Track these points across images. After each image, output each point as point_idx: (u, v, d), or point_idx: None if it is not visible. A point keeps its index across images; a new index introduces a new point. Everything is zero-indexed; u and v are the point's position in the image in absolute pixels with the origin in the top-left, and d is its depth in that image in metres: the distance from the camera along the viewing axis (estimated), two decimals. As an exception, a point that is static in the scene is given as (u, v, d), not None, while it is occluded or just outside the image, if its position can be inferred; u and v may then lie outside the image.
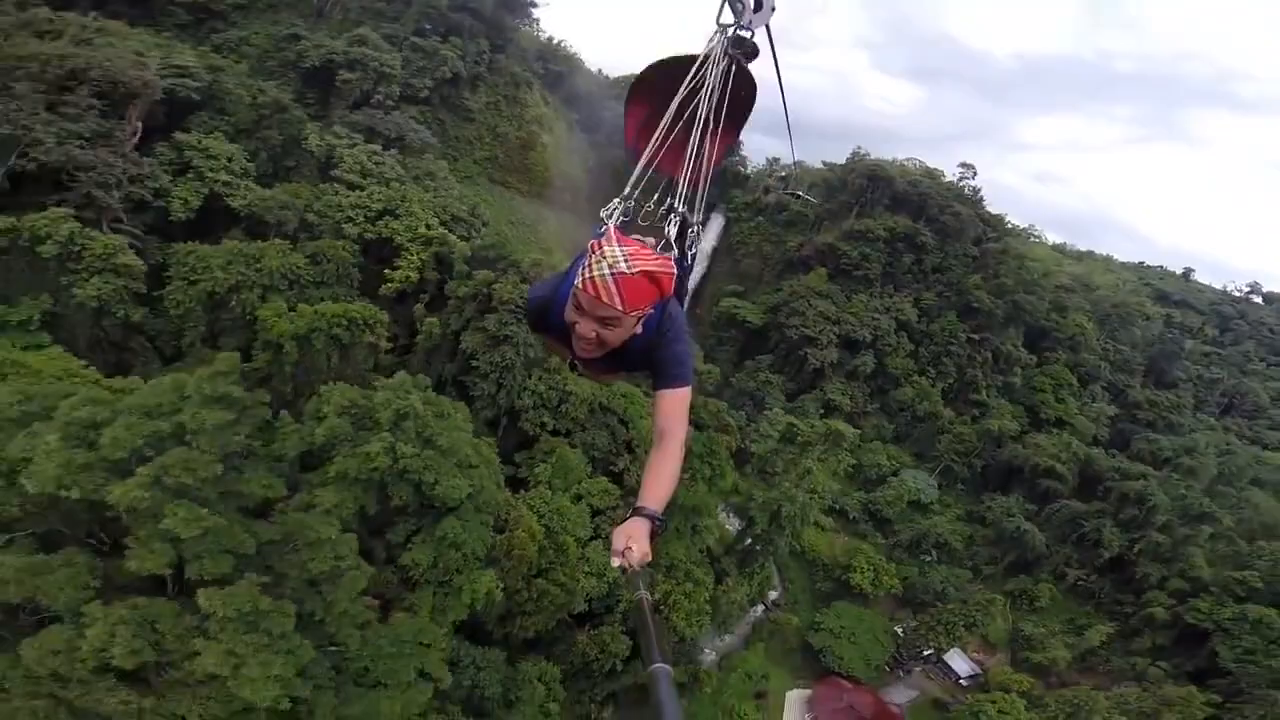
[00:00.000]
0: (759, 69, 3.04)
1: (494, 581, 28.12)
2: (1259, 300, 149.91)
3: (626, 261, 2.13)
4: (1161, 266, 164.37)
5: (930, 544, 62.91)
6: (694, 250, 3.06)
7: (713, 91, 2.84)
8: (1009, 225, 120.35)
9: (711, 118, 2.88)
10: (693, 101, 2.85)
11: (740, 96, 3.01)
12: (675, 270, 2.32)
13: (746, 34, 2.84)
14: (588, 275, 2.18)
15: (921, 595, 57.64)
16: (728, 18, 2.82)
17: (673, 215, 2.87)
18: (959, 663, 53.81)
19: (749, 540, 48.43)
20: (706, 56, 2.87)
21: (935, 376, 77.19)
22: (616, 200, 2.73)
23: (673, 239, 2.81)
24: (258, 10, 52.56)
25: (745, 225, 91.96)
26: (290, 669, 22.24)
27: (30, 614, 22.32)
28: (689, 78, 2.86)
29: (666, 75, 3.01)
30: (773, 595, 56.79)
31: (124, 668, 20.92)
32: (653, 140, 2.88)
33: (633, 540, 2.01)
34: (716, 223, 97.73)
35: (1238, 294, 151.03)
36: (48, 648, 20.84)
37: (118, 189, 30.40)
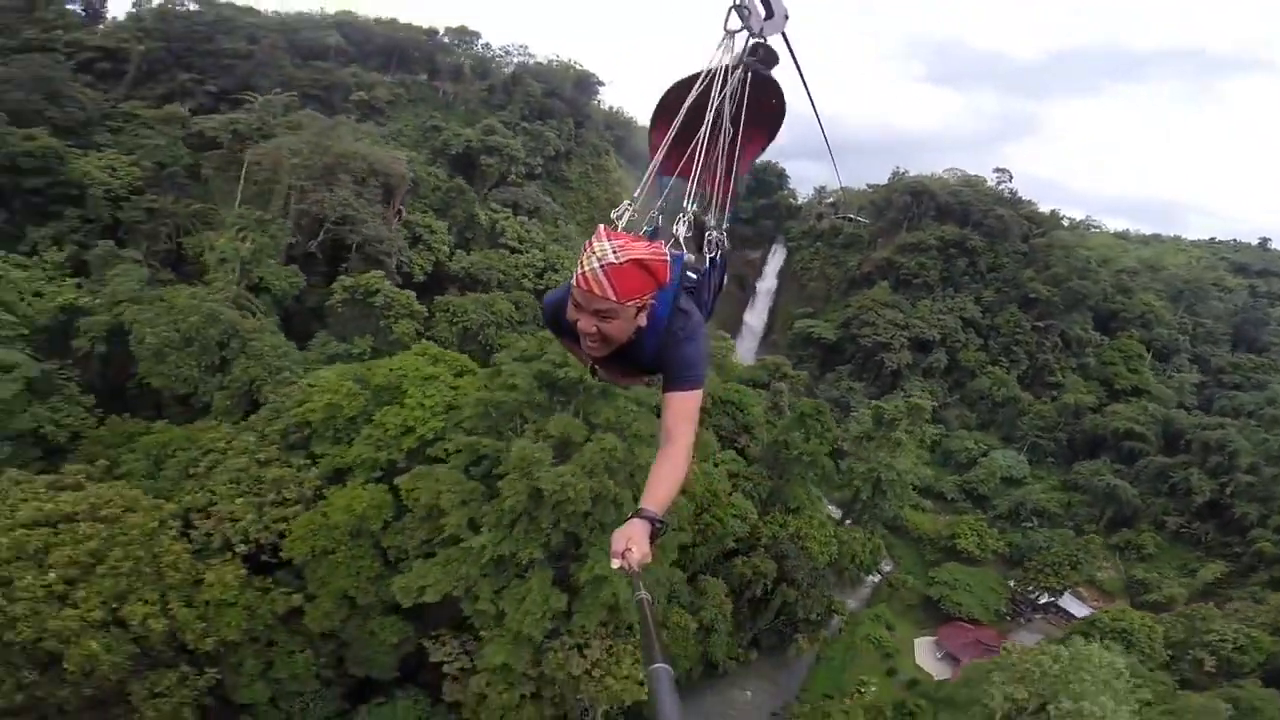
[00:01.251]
0: (787, 80, 3.06)
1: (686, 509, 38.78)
2: None
3: (615, 253, 2.20)
4: (1234, 240, 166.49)
5: (1029, 511, 69.60)
6: (715, 255, 3.05)
7: (726, 97, 2.90)
8: (1063, 219, 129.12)
9: (728, 124, 2.95)
10: (705, 111, 2.90)
11: (770, 104, 3.11)
12: (669, 258, 2.35)
13: (760, 40, 2.87)
14: (580, 272, 2.26)
15: (1028, 554, 64.26)
16: (735, 24, 2.83)
17: (683, 215, 2.91)
18: (1076, 606, 59.88)
19: (857, 509, 57.59)
20: (715, 66, 2.92)
21: (1009, 365, 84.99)
22: (626, 203, 2.75)
23: (681, 239, 2.85)
24: (402, 104, 69.52)
25: (805, 252, 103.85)
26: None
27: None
28: (698, 84, 2.94)
29: (681, 92, 3.08)
30: (886, 566, 64.86)
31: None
32: (663, 144, 2.94)
33: (633, 542, 2.07)
34: (778, 254, 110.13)
35: None
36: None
37: (389, 257, 45.08)
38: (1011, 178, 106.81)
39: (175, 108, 48.42)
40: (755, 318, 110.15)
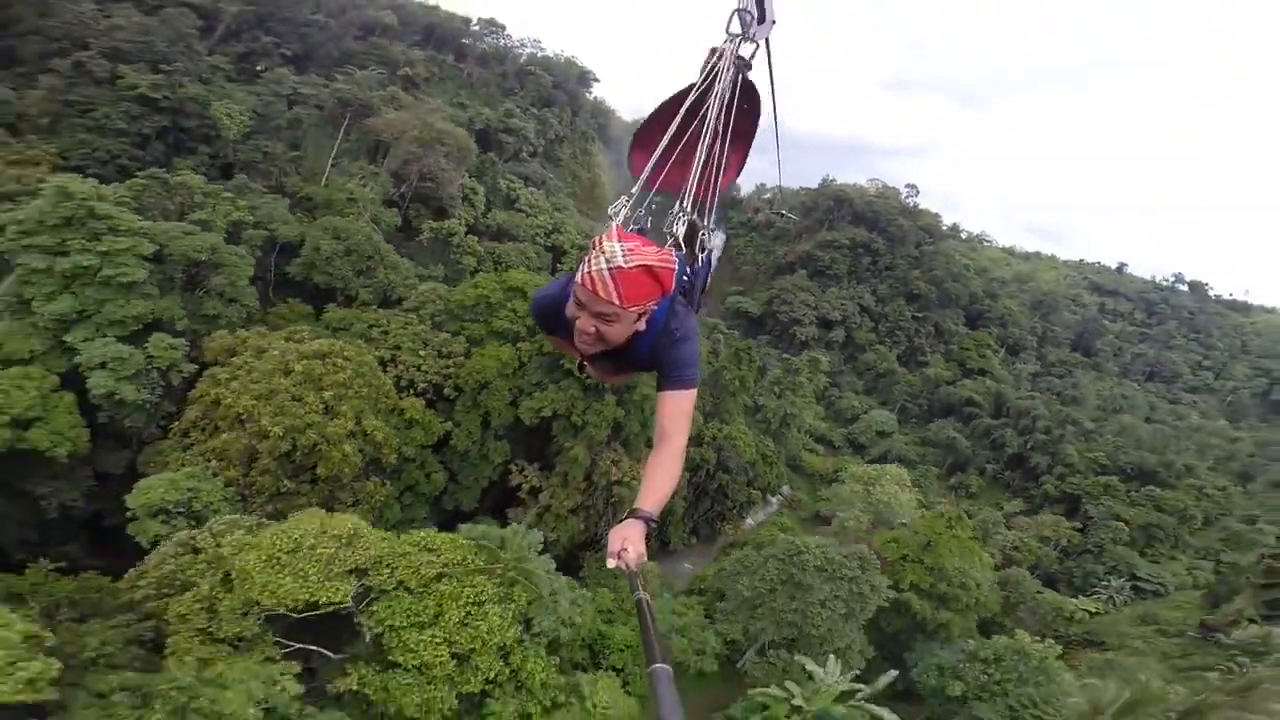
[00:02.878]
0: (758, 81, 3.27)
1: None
2: (1184, 288, 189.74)
3: (624, 256, 2.23)
4: (1099, 262, 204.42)
5: (894, 457, 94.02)
6: (705, 254, 3.14)
7: (720, 101, 3.03)
8: (961, 232, 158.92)
9: (720, 128, 3.06)
10: (699, 113, 3.03)
11: (743, 109, 3.24)
12: (676, 266, 2.39)
13: (750, 45, 3.07)
14: (586, 270, 2.30)
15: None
16: (737, 28, 3.04)
17: (680, 215, 3.00)
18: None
19: (767, 439, 79.30)
20: (712, 69, 3.07)
21: (891, 345, 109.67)
22: (624, 198, 2.83)
23: (681, 239, 2.95)
24: (435, 81, 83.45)
25: (742, 239, 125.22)
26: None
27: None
28: (695, 90, 3.06)
29: (667, 112, 3.21)
30: (786, 490, 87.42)
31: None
32: (656, 153, 3.05)
33: (628, 542, 2.15)
34: (717, 239, 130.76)
35: (1164, 284, 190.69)
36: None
37: (453, 208, 60.48)
38: (918, 192, 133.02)
39: (283, 71, 61.59)
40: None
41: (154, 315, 33.56)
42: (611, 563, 2.15)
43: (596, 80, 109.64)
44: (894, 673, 31.22)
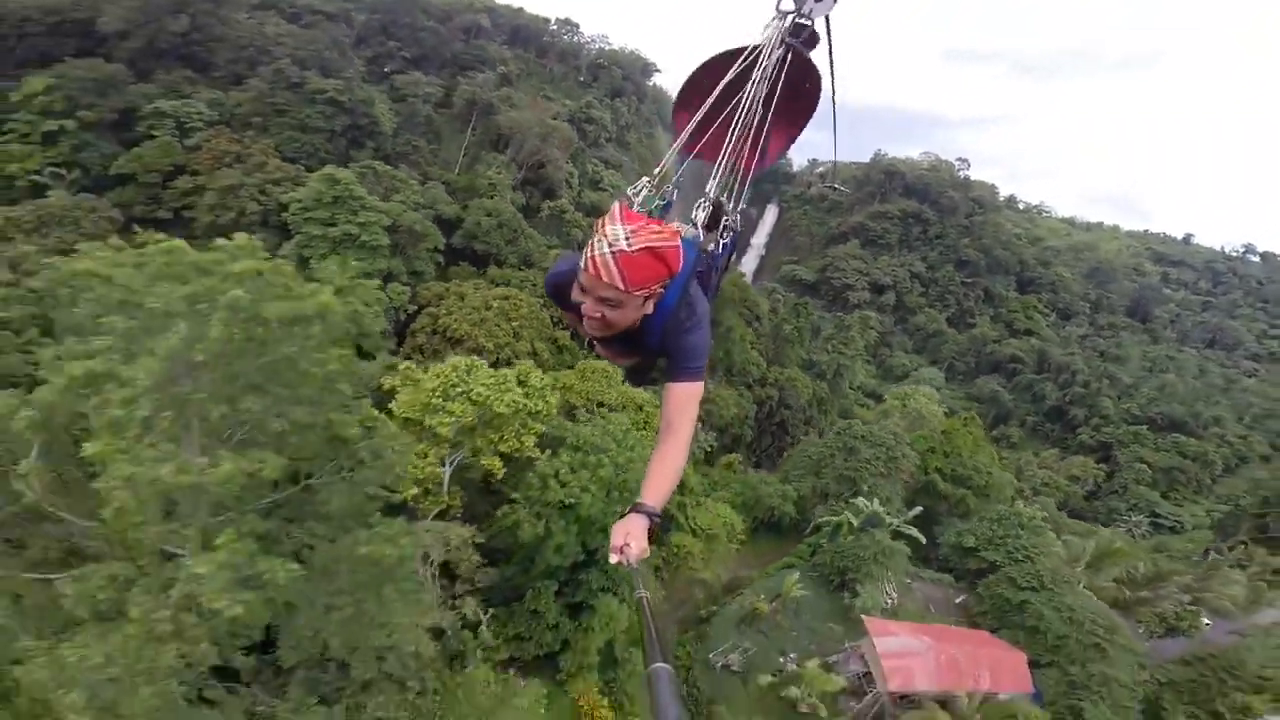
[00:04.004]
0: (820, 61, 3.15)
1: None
2: (1255, 258, 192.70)
3: (628, 239, 2.24)
4: (1164, 233, 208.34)
5: (943, 411, 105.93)
6: (730, 239, 3.10)
7: (765, 78, 2.96)
8: (1018, 203, 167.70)
9: (761, 106, 3.00)
10: (741, 88, 2.98)
11: (803, 89, 3.17)
12: (682, 246, 2.37)
13: (807, 23, 2.97)
14: (589, 254, 2.31)
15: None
16: (788, 5, 2.97)
17: (704, 200, 2.96)
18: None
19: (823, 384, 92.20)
20: (760, 44, 3.00)
21: (941, 308, 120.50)
22: (644, 179, 2.81)
23: (700, 225, 2.91)
24: (523, 78, 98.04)
25: (795, 212, 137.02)
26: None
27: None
28: (739, 62, 3.01)
29: (714, 71, 3.17)
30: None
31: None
32: (692, 122, 3.03)
33: (631, 537, 2.19)
34: (772, 213, 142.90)
35: (1233, 254, 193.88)
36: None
37: (560, 189, 74.98)
38: (969, 165, 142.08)
39: (422, 75, 76.80)
40: (747, 265, 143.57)
41: (389, 270, 49.00)
42: (614, 558, 2.19)
43: (658, 70, 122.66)
44: (920, 508, 44.71)
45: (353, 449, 17.94)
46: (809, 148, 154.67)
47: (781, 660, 34.97)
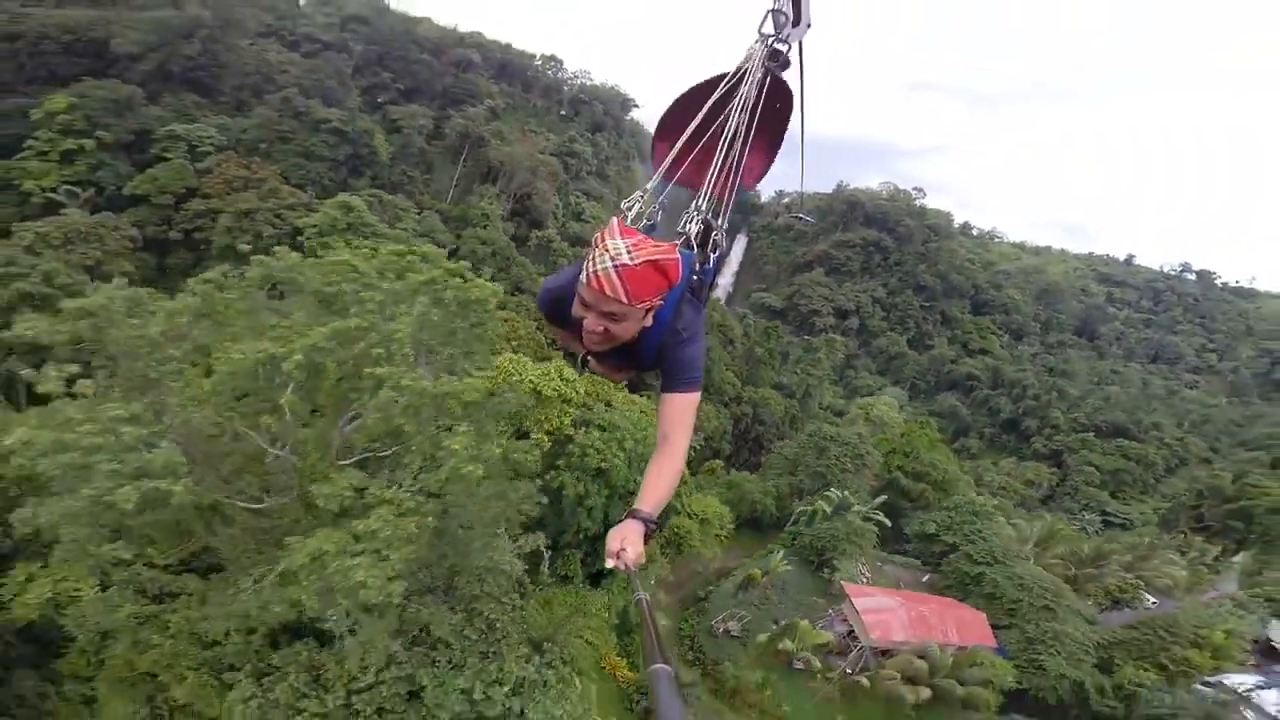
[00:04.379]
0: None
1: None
2: (1190, 277, 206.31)
3: (629, 253, 2.29)
4: (1107, 254, 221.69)
5: (903, 419, 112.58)
6: (717, 255, 3.14)
7: (746, 102, 3.04)
8: (972, 229, 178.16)
9: (744, 129, 3.06)
10: (723, 112, 3.05)
11: (775, 109, 3.26)
12: (680, 259, 2.42)
13: (783, 47, 3.07)
14: (591, 269, 2.36)
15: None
16: (769, 29, 3.07)
17: (695, 214, 3.03)
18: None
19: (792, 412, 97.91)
20: (742, 68, 3.09)
21: (902, 331, 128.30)
22: (637, 193, 2.85)
23: (694, 239, 2.99)
24: (509, 111, 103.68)
25: (763, 242, 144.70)
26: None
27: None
28: (721, 87, 3.10)
29: (696, 97, 3.26)
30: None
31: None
32: (675, 148, 3.09)
33: (628, 542, 2.25)
34: (741, 243, 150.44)
35: (1171, 273, 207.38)
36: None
37: (545, 219, 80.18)
38: (925, 194, 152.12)
39: (418, 107, 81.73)
40: (719, 292, 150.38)
41: (398, 289, 53.36)
42: (610, 563, 2.26)
43: (636, 105, 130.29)
44: (884, 496, 50.12)
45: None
46: (776, 179, 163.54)
47: (774, 627, 39.52)
